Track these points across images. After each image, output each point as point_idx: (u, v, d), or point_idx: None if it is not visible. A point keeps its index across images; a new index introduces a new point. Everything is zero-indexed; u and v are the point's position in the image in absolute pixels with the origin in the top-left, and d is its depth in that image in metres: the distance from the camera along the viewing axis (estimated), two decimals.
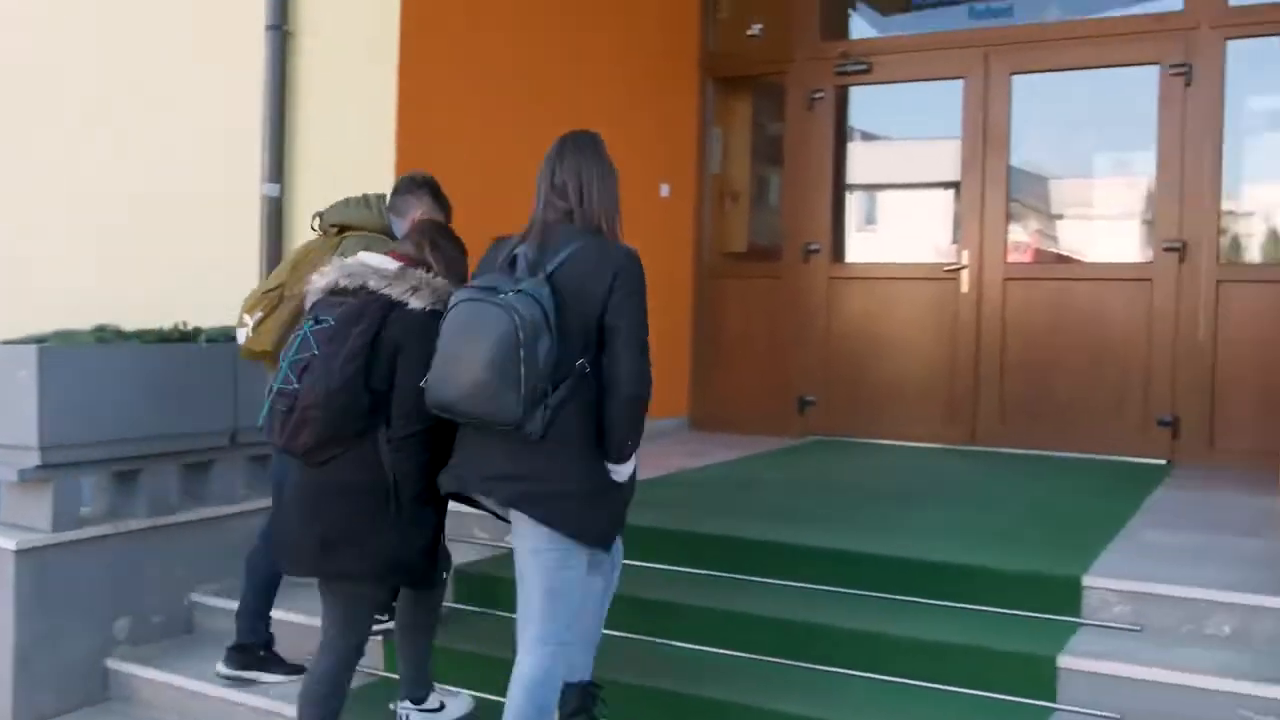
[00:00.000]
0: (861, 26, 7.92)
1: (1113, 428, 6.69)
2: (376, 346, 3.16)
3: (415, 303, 3.24)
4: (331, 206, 4.17)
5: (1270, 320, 6.32)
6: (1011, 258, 7.05)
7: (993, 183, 7.00)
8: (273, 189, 5.66)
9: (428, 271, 3.34)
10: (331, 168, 5.61)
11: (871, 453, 6.75)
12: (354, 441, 3.16)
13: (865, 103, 8.30)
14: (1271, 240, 6.75)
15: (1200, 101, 6.51)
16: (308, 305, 3.36)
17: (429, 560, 3.31)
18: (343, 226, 4.12)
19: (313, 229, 4.23)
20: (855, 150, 8.11)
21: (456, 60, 5.85)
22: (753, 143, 8.35)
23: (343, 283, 3.31)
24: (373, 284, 3.26)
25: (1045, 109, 6.31)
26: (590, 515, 3.00)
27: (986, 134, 7.01)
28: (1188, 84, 6.52)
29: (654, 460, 6.32)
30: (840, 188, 7.71)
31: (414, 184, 3.95)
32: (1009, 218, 7.05)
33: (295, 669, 4.03)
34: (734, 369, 7.79)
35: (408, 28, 5.50)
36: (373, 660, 3.98)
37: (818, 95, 7.52)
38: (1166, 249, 6.55)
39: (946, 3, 7.36)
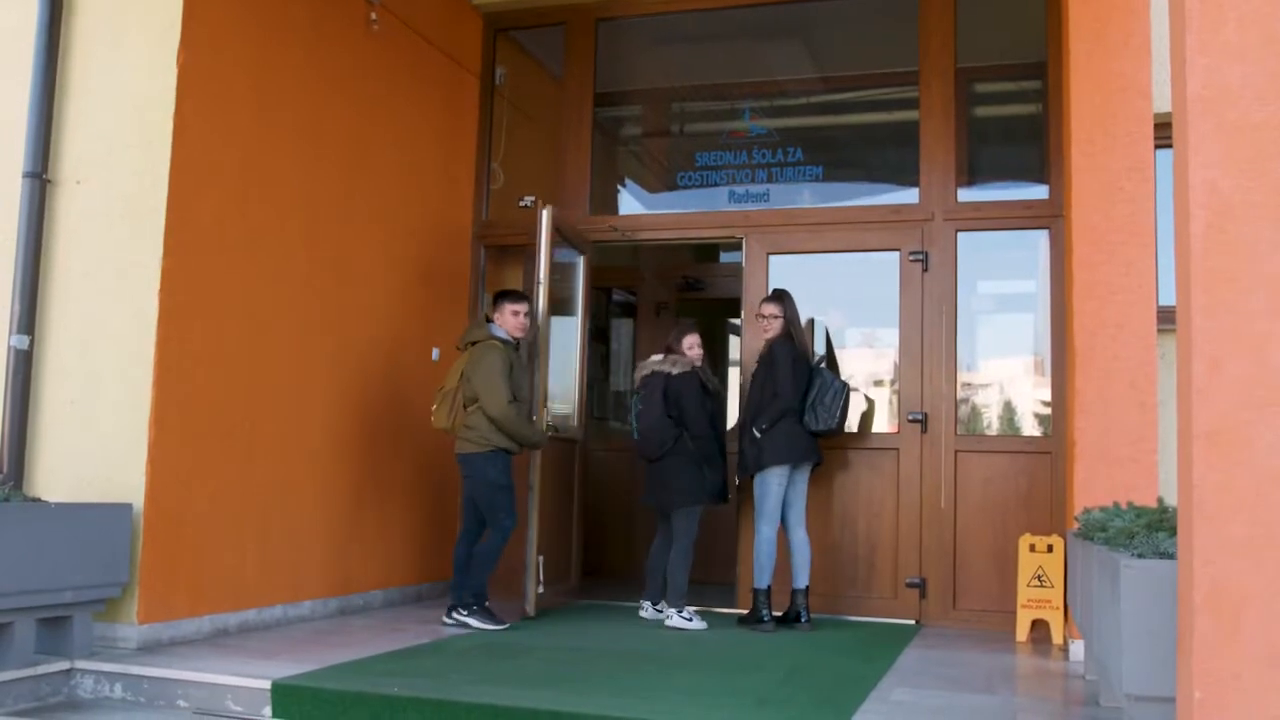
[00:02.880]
0: (630, 202, 8.32)
1: (868, 590, 7.00)
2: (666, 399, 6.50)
3: (676, 370, 6.51)
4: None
5: (1001, 487, 6.82)
6: None
7: None
8: (21, 341, 5.40)
9: (669, 353, 6.61)
10: (86, 322, 5.41)
11: (634, 616, 6.79)
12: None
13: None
14: (1006, 410, 7.32)
15: (936, 285, 7.07)
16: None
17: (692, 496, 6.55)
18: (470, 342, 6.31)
19: (457, 349, 6.49)
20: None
21: (230, 219, 5.74)
22: None
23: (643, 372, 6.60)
24: (655, 368, 6.57)
25: (802, 286, 6.76)
26: None
27: (748, 308, 7.39)
28: (925, 269, 7.09)
29: (417, 627, 6.18)
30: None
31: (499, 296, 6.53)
32: None
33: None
34: None
35: (178, 183, 5.39)
36: None
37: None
38: (910, 420, 7.01)
39: (709, 185, 7.80)
